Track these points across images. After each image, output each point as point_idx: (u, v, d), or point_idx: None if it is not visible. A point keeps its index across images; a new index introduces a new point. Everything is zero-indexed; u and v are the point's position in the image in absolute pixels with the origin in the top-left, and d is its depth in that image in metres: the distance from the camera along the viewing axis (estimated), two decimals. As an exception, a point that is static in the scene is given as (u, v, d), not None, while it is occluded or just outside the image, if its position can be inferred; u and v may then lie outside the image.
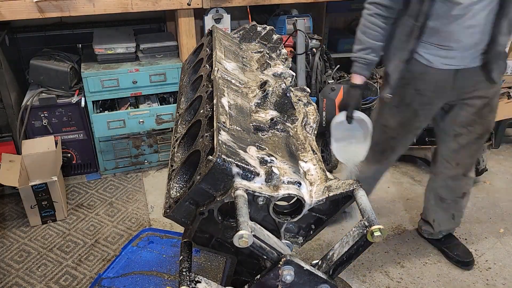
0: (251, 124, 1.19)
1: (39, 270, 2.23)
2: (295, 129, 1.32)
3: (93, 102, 2.79)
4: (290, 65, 1.81)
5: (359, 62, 1.80)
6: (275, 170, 1.02)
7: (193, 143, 1.15)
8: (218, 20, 2.83)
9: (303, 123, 1.36)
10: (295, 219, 1.10)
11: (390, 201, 2.74)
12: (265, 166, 1.04)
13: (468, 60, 1.73)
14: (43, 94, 2.73)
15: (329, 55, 3.11)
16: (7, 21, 2.50)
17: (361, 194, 1.06)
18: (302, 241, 1.21)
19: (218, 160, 0.94)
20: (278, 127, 1.24)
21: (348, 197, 1.09)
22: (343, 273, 1.14)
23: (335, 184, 1.09)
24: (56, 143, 2.61)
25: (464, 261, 2.23)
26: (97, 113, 2.81)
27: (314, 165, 1.19)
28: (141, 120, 2.84)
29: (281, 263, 1.00)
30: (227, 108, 1.16)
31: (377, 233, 0.98)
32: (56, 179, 2.49)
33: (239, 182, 0.98)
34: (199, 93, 1.34)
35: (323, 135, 3.00)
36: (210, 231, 1.12)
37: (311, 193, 1.08)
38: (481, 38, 1.66)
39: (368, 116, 1.83)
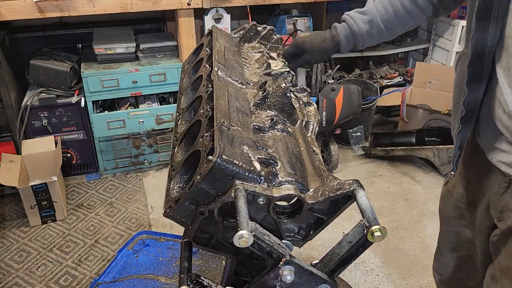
0: (251, 125, 1.19)
1: (39, 270, 2.23)
2: (295, 129, 1.32)
3: (93, 102, 2.79)
4: (290, 65, 1.80)
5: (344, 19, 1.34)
6: (275, 170, 1.02)
7: (193, 143, 1.15)
8: (218, 20, 2.83)
9: (303, 123, 1.36)
10: (295, 219, 1.10)
11: (390, 201, 2.74)
12: (265, 166, 1.04)
13: None
14: (43, 94, 2.73)
15: (329, 55, 3.11)
16: (7, 21, 2.50)
17: (361, 194, 1.06)
18: (302, 241, 1.20)
19: (218, 160, 0.94)
20: (278, 127, 1.24)
21: (348, 197, 1.09)
22: (343, 273, 1.14)
23: (335, 184, 1.09)
24: (56, 143, 2.61)
25: None
26: (97, 113, 2.81)
27: (314, 165, 1.19)
28: (141, 120, 2.84)
29: (281, 263, 1.00)
30: (227, 108, 1.15)
31: (377, 233, 0.98)
32: (56, 179, 2.49)
33: (239, 182, 0.98)
34: (199, 93, 1.34)
35: (323, 135, 3.00)
36: (210, 231, 1.12)
37: (311, 193, 1.07)
38: None
39: None
